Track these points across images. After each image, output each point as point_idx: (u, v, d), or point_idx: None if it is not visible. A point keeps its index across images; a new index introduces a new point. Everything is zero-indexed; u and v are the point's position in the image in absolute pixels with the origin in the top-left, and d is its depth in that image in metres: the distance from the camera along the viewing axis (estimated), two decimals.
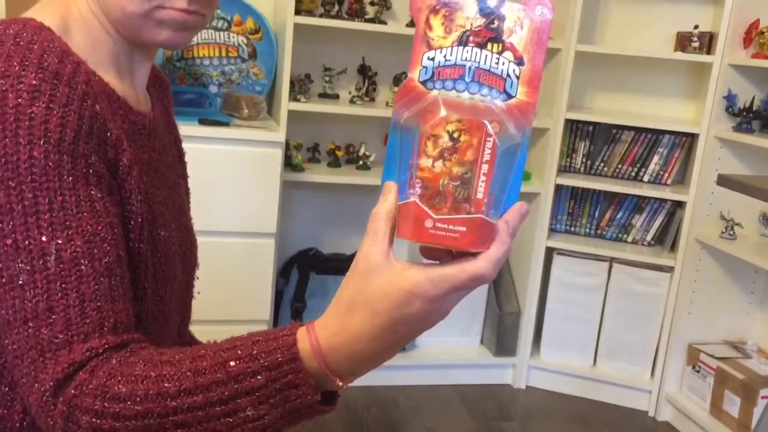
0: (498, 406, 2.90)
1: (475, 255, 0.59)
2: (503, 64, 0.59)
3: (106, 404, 0.65)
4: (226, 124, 2.38)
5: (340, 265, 2.87)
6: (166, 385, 0.65)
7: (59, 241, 0.68)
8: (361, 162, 2.84)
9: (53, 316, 0.67)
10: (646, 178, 2.97)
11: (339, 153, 2.86)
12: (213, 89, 2.59)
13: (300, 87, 2.74)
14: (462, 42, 0.59)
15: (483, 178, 0.59)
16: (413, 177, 0.59)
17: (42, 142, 0.68)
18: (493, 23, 0.59)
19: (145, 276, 0.79)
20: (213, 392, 0.64)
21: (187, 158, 1.05)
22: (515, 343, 3.03)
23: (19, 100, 0.68)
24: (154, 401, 0.64)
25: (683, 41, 2.84)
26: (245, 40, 2.61)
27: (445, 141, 0.58)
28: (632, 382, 2.96)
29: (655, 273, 2.90)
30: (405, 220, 0.59)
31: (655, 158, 2.95)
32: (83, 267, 0.68)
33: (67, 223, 0.68)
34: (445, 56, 0.59)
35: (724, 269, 2.82)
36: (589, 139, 3.00)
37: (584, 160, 3.01)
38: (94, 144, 0.72)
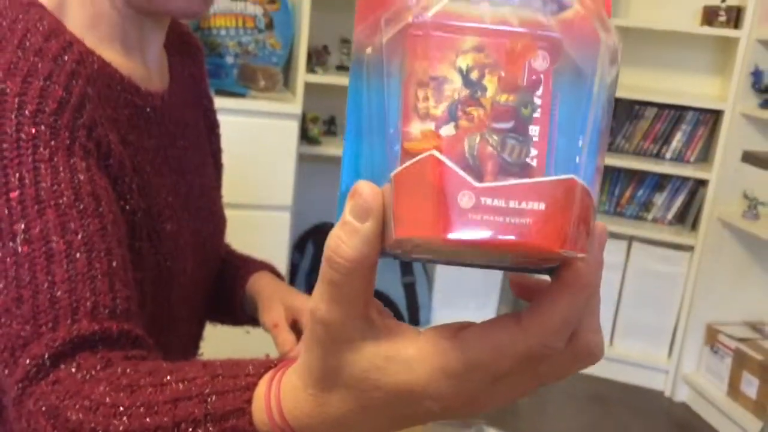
0: None
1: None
2: None
3: (56, 431, 0.54)
4: (242, 96, 2.36)
5: None
6: (115, 422, 0.51)
7: (28, 218, 0.59)
8: None
9: (22, 306, 0.57)
10: (668, 156, 2.92)
11: None
12: (229, 60, 2.57)
13: (317, 59, 2.71)
14: None
15: (535, 136, 0.32)
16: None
17: (14, 115, 0.61)
18: None
19: (147, 278, 0.72)
20: None
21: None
22: None
23: None
24: None
25: (710, 15, 2.76)
26: (262, 11, 2.58)
27: (455, 87, 0.32)
28: (649, 362, 2.93)
29: (675, 252, 2.86)
30: (410, 199, 0.32)
31: (678, 135, 2.90)
32: (53, 243, 0.58)
33: (39, 197, 0.60)
34: None
35: (745, 249, 2.77)
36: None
37: None
38: (84, 120, 0.64)
